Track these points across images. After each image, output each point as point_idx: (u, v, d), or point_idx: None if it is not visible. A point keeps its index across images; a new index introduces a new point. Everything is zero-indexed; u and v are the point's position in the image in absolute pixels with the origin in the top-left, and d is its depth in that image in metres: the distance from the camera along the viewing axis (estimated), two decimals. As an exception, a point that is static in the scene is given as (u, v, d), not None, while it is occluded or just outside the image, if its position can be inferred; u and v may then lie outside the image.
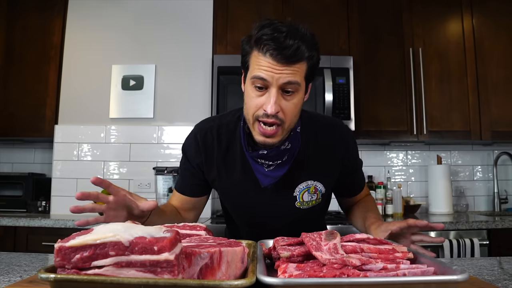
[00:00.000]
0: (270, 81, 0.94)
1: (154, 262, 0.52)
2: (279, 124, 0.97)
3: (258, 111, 0.97)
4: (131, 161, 2.66)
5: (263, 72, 0.94)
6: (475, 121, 2.59)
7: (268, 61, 0.93)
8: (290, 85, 0.95)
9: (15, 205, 2.62)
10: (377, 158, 2.92)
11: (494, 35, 2.66)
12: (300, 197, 1.13)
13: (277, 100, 0.94)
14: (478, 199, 2.93)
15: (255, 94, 0.97)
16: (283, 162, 1.08)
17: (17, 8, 2.71)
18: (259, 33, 0.94)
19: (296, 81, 0.95)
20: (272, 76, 0.93)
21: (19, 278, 0.82)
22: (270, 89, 0.95)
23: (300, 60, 0.94)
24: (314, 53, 0.97)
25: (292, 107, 0.98)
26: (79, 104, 2.69)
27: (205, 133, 1.15)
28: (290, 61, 0.92)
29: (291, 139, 1.07)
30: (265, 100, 0.96)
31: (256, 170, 1.09)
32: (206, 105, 2.68)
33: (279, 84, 0.94)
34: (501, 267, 0.95)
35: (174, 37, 2.74)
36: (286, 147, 1.06)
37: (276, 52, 0.92)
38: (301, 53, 0.93)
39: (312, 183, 1.13)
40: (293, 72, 0.94)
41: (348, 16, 2.66)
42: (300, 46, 0.92)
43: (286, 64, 0.93)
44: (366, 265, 0.63)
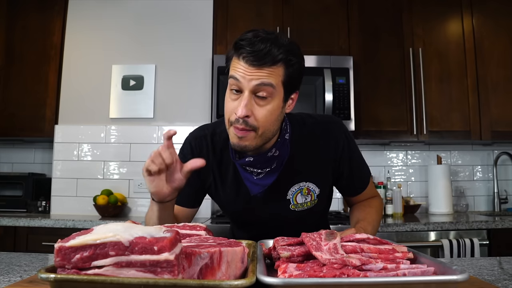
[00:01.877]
0: (243, 83, 0.94)
1: (154, 262, 0.52)
2: (249, 129, 0.96)
3: (231, 116, 0.97)
4: (131, 161, 2.66)
5: (237, 73, 0.95)
6: (475, 121, 2.59)
7: (242, 64, 0.94)
8: (262, 87, 0.94)
9: (15, 205, 2.62)
10: (377, 158, 2.92)
11: (494, 35, 2.66)
12: (293, 200, 1.12)
13: (248, 104, 0.94)
14: (478, 199, 2.93)
15: (231, 98, 0.98)
16: (271, 170, 1.07)
17: (17, 8, 2.71)
18: (238, 38, 0.96)
19: (269, 82, 0.94)
20: (244, 77, 0.93)
21: (19, 278, 0.82)
22: (243, 92, 0.95)
23: (272, 63, 0.93)
24: (292, 58, 0.97)
25: (265, 113, 0.96)
26: (79, 104, 2.69)
27: (200, 141, 1.15)
28: (261, 63, 0.93)
29: (279, 146, 1.06)
30: (237, 104, 0.96)
31: (245, 178, 1.09)
32: (206, 105, 2.68)
33: (250, 87, 0.94)
34: (501, 267, 0.95)
35: (174, 37, 2.74)
36: (274, 154, 1.05)
37: (249, 55, 0.93)
38: (272, 56, 0.93)
39: (304, 184, 1.11)
40: (267, 75, 0.94)
41: (348, 16, 2.66)
42: (271, 49, 0.93)
43: (258, 67, 0.93)
44: (366, 265, 0.63)
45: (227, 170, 1.13)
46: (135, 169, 2.65)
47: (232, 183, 1.13)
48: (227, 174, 1.13)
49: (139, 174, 2.64)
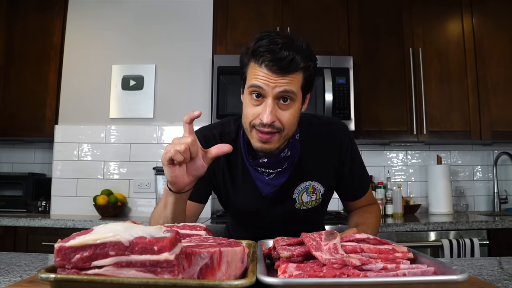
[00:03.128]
0: (266, 90, 0.96)
1: (154, 262, 0.52)
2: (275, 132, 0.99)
3: (255, 120, 0.99)
4: (131, 161, 2.66)
5: (259, 81, 0.96)
6: (475, 121, 2.59)
7: (264, 71, 0.95)
8: (286, 94, 0.96)
9: (15, 205, 2.62)
10: (377, 158, 2.92)
11: (494, 35, 2.66)
12: (299, 198, 1.14)
13: (273, 110, 0.96)
14: (478, 199, 2.93)
15: (252, 103, 0.99)
16: (283, 170, 1.10)
17: (17, 8, 2.71)
18: (256, 45, 0.97)
19: (291, 90, 0.96)
20: (268, 85, 0.95)
21: (19, 278, 0.82)
22: (266, 99, 0.97)
23: (295, 70, 0.96)
24: (309, 63, 0.99)
25: (288, 116, 0.99)
26: (79, 104, 2.69)
27: (209, 140, 1.14)
28: (285, 71, 0.95)
29: (290, 146, 1.08)
30: (261, 110, 0.98)
31: (256, 178, 1.11)
32: (206, 105, 2.68)
33: (274, 94, 0.96)
34: (501, 267, 0.95)
35: (174, 37, 2.74)
36: (286, 155, 1.08)
37: (272, 63, 0.94)
38: (296, 64, 0.95)
39: (310, 183, 1.13)
40: (289, 82, 0.96)
41: (348, 16, 2.66)
42: (295, 57, 0.95)
43: (282, 75, 0.95)
44: (366, 265, 0.63)
45: (237, 170, 1.14)
46: (135, 169, 2.65)
47: (243, 183, 1.14)
48: (236, 174, 1.14)
49: (139, 174, 2.64)
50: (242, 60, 1.03)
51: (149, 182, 2.63)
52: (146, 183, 2.64)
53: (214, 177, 1.17)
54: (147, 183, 2.63)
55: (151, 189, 2.62)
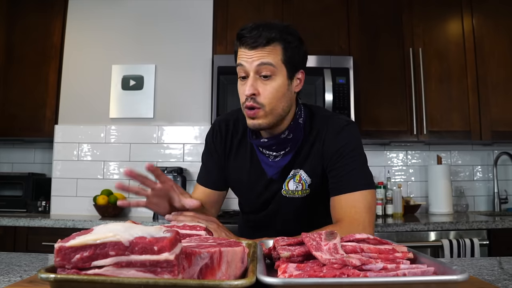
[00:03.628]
0: (247, 67, 1.04)
1: (154, 262, 0.52)
2: (258, 107, 1.04)
3: (242, 98, 1.07)
4: (131, 161, 2.66)
5: (240, 59, 1.06)
6: (475, 121, 2.59)
7: (242, 50, 1.05)
8: (263, 67, 1.03)
9: (15, 205, 2.62)
10: (377, 158, 2.92)
11: (494, 35, 2.66)
12: (285, 185, 1.16)
13: (253, 83, 1.03)
14: (478, 199, 2.93)
15: (240, 84, 1.08)
16: (286, 153, 1.14)
17: (17, 8, 2.71)
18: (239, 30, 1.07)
19: (268, 61, 1.03)
20: (246, 60, 1.04)
21: (19, 278, 0.82)
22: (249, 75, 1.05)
23: (267, 41, 1.03)
24: (287, 37, 1.06)
25: (271, 90, 1.04)
26: (79, 104, 2.69)
27: (225, 125, 1.24)
28: (258, 44, 1.02)
29: (292, 129, 1.12)
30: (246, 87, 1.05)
31: (262, 160, 1.17)
32: (206, 105, 2.68)
33: (253, 68, 1.03)
34: (501, 267, 0.95)
35: (174, 37, 2.74)
36: (287, 137, 1.12)
37: (247, 39, 1.04)
38: (265, 36, 1.02)
39: (297, 171, 1.15)
40: (265, 55, 1.03)
41: (348, 16, 2.66)
42: (264, 30, 1.03)
43: (256, 48, 1.03)
44: (366, 265, 0.63)
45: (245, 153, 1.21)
46: (135, 169, 2.65)
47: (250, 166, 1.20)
48: (245, 157, 1.21)
49: (139, 174, 2.64)
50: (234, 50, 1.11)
51: (149, 182, 2.63)
52: (146, 183, 2.63)
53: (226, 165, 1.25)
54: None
55: (151, 189, 2.62)
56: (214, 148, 1.24)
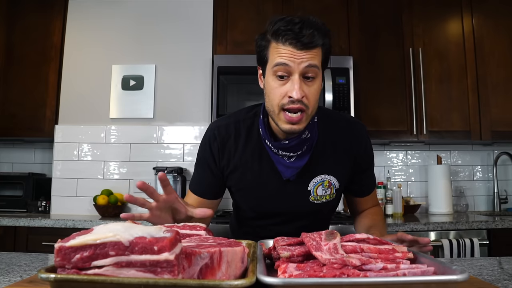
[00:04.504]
0: (292, 67, 0.99)
1: (154, 262, 0.52)
2: (303, 110, 1.01)
3: (283, 100, 1.01)
4: (131, 161, 2.66)
5: (284, 58, 0.99)
6: (475, 121, 2.59)
7: (288, 49, 0.98)
8: (310, 69, 1.00)
9: (15, 205, 2.62)
10: (377, 158, 2.90)
11: (494, 35, 2.66)
12: (314, 191, 1.14)
13: (301, 85, 0.99)
14: (478, 199, 2.93)
15: (278, 84, 1.01)
16: (303, 153, 1.11)
17: (17, 8, 2.71)
18: (275, 26, 1.00)
19: (315, 64, 1.00)
20: (294, 61, 0.98)
21: (19, 278, 0.82)
22: (293, 76, 0.99)
23: (317, 45, 1.00)
24: (326, 40, 1.03)
25: (314, 93, 1.02)
26: (79, 104, 2.69)
27: (224, 129, 1.17)
28: (309, 46, 0.98)
29: (310, 128, 1.10)
30: (289, 88, 1.00)
31: (277, 162, 1.12)
32: (206, 105, 2.69)
33: (300, 70, 0.99)
34: (501, 267, 0.95)
35: (174, 37, 2.74)
36: (306, 137, 1.09)
37: (295, 40, 0.98)
38: (317, 39, 0.99)
39: (326, 177, 1.14)
40: (312, 57, 0.99)
41: (348, 16, 2.66)
42: (315, 33, 0.99)
43: (305, 50, 0.98)
44: (366, 265, 0.63)
45: (253, 156, 1.15)
46: (135, 169, 2.65)
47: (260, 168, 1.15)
48: (253, 160, 1.15)
49: (139, 174, 2.64)
50: (260, 44, 1.05)
51: (149, 182, 2.63)
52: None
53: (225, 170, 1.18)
54: (147, 183, 2.63)
55: (151, 189, 2.62)
56: (211, 155, 1.17)
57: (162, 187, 0.93)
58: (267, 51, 1.03)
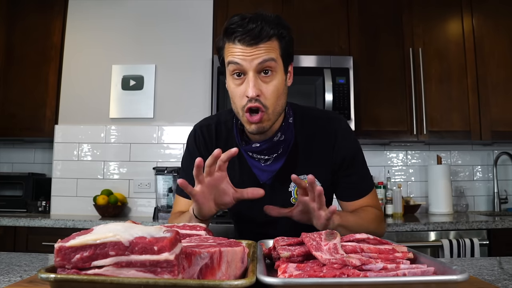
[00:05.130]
0: (245, 65, 0.96)
1: (154, 262, 0.52)
2: (263, 110, 0.98)
3: (242, 100, 0.99)
4: (131, 161, 2.66)
5: (236, 57, 0.96)
6: (475, 121, 2.59)
7: (238, 46, 0.96)
8: (265, 63, 0.96)
9: (15, 205, 2.62)
10: (377, 158, 2.92)
11: (494, 35, 2.66)
12: (295, 193, 1.11)
13: (256, 83, 0.96)
14: (478, 199, 2.93)
15: (235, 84, 1.00)
16: (278, 155, 1.08)
17: (17, 8, 2.71)
18: (226, 24, 0.99)
19: (270, 57, 0.96)
20: (245, 59, 0.96)
21: (19, 278, 0.82)
22: (248, 74, 0.97)
23: (267, 38, 0.97)
24: (282, 30, 1.00)
25: (272, 89, 0.99)
26: (79, 104, 2.69)
27: (206, 130, 1.17)
28: (258, 40, 0.95)
29: (284, 130, 1.07)
30: (245, 87, 0.98)
31: (252, 165, 1.10)
32: (206, 105, 2.69)
33: (254, 67, 0.96)
34: (501, 267, 0.95)
35: (174, 37, 2.74)
36: (280, 139, 1.06)
37: (244, 35, 0.95)
38: (266, 32, 0.96)
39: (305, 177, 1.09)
40: (265, 51, 0.96)
41: (348, 16, 2.66)
42: (263, 26, 0.96)
43: (255, 45, 0.96)
44: (366, 265, 0.63)
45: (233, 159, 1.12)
46: (135, 169, 2.65)
47: (240, 172, 1.13)
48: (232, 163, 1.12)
49: (139, 174, 2.65)
50: (218, 45, 1.03)
51: (149, 182, 2.63)
52: (146, 183, 2.64)
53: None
54: (147, 183, 2.64)
55: (151, 189, 2.62)
56: (198, 153, 1.15)
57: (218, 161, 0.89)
58: (223, 52, 1.02)
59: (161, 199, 2.43)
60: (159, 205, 2.44)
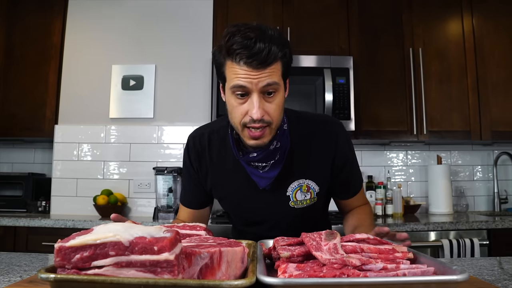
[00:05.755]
0: (250, 88, 0.95)
1: (154, 262, 0.52)
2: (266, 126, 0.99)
3: (244, 118, 0.99)
4: (131, 161, 2.66)
5: (241, 80, 0.95)
6: (475, 121, 2.59)
7: (244, 68, 0.94)
8: (270, 87, 0.96)
9: (15, 205, 2.62)
10: (377, 158, 2.92)
11: (494, 35, 2.66)
12: (293, 197, 1.13)
13: (260, 104, 0.96)
14: (478, 199, 2.93)
15: (238, 102, 0.98)
16: (276, 162, 1.09)
17: (17, 8, 2.71)
18: (229, 43, 0.95)
19: (274, 81, 0.96)
20: (251, 82, 0.94)
21: (19, 278, 0.82)
22: (252, 95, 0.96)
23: (274, 61, 0.95)
24: (286, 50, 0.98)
25: (275, 108, 0.99)
26: (79, 104, 2.69)
27: (198, 139, 1.18)
28: (265, 64, 0.94)
29: (279, 137, 1.07)
30: (248, 107, 0.97)
31: (251, 173, 1.11)
32: (206, 105, 2.68)
33: (259, 89, 0.95)
34: (501, 267, 0.95)
35: (174, 37, 2.74)
36: (276, 146, 1.07)
37: (250, 59, 0.93)
38: (274, 55, 0.94)
39: (303, 181, 1.12)
40: (270, 74, 0.95)
41: (348, 16, 2.66)
42: (271, 48, 0.94)
43: (262, 68, 0.94)
44: (366, 265, 0.63)
45: (229, 166, 1.15)
46: (135, 169, 2.65)
47: (236, 179, 1.14)
48: (229, 171, 1.15)
49: (139, 174, 2.65)
50: (217, 60, 1.01)
51: (149, 182, 2.63)
52: (146, 183, 2.64)
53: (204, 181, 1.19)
54: (147, 183, 2.64)
55: (151, 189, 2.62)
56: (191, 166, 1.19)
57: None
58: (224, 69, 0.99)
59: (161, 199, 2.43)
60: (159, 205, 2.44)
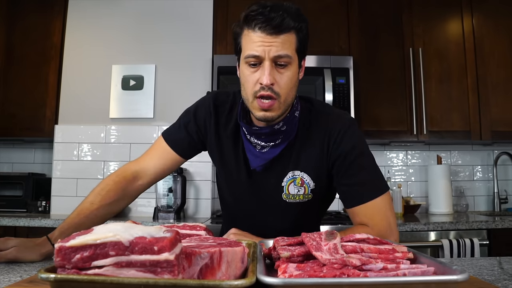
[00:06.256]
0: (263, 56, 0.97)
1: (154, 262, 0.52)
2: (275, 98, 0.99)
3: (255, 87, 0.99)
4: (131, 161, 2.66)
5: (255, 49, 0.97)
6: (475, 121, 2.59)
7: (258, 35, 0.96)
8: (282, 59, 0.97)
9: (15, 205, 2.62)
10: (377, 158, 2.88)
11: (494, 35, 2.66)
12: (286, 188, 1.09)
13: (271, 72, 0.97)
14: (478, 199, 2.93)
15: (250, 71, 1.00)
16: (276, 145, 1.07)
17: (17, 8, 2.71)
18: (247, 11, 0.99)
19: (286, 54, 0.97)
20: (264, 49, 0.96)
21: (19, 278, 0.82)
22: (264, 62, 0.97)
23: (287, 29, 0.97)
24: (301, 24, 1.01)
25: (286, 80, 0.99)
26: (79, 104, 2.69)
27: (221, 103, 1.17)
28: (278, 30, 0.95)
29: (287, 121, 1.05)
30: (259, 74, 0.98)
31: (247, 149, 1.10)
32: (206, 105, 2.68)
33: (271, 57, 0.97)
34: (501, 267, 0.95)
35: (174, 37, 2.74)
36: (281, 128, 1.05)
37: (265, 23, 0.95)
38: (287, 23, 0.96)
39: (298, 173, 1.08)
40: (283, 43, 0.96)
41: (348, 16, 2.66)
42: (285, 16, 0.96)
43: (275, 35, 0.96)
44: (366, 265, 0.63)
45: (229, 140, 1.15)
46: (135, 169, 2.65)
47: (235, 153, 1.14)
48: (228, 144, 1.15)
49: (139, 174, 2.64)
50: (235, 31, 1.05)
51: (149, 182, 2.63)
52: (146, 183, 2.63)
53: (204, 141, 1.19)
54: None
55: (151, 189, 2.62)
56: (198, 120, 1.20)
57: None
58: (240, 39, 1.03)
59: (161, 199, 2.43)
60: (159, 205, 2.44)
